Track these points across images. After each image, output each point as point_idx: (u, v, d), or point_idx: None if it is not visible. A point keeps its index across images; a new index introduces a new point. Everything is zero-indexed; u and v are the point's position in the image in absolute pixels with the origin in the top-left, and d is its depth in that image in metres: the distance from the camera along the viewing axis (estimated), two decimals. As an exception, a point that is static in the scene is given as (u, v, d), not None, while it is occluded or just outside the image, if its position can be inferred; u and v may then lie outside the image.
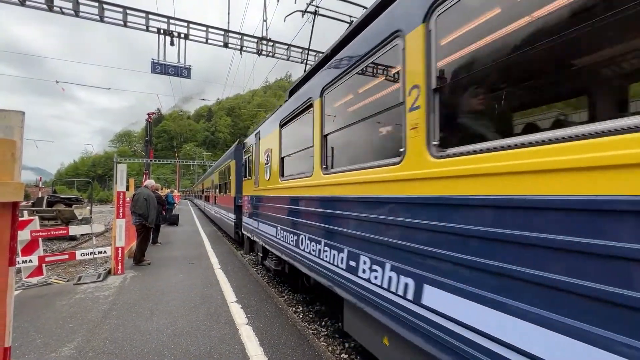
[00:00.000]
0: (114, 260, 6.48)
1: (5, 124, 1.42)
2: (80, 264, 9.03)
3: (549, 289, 1.33)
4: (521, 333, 1.42)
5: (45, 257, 6.38)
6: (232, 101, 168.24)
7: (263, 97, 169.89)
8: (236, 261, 7.73)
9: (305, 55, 16.78)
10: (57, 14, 12.62)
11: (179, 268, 6.97)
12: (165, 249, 9.32)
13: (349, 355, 3.78)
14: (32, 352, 3.34)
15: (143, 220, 7.30)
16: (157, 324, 4.03)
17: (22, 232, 6.10)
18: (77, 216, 16.24)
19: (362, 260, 2.65)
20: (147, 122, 43.31)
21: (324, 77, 3.56)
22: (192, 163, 67.21)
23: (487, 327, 1.57)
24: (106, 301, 4.86)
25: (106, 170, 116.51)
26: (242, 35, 15.60)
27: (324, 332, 4.42)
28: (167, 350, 3.36)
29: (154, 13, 14.03)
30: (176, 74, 15.08)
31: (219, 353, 3.31)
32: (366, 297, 2.57)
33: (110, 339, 3.63)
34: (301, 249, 3.95)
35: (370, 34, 2.76)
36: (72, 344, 3.51)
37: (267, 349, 3.42)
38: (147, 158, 40.93)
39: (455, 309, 1.75)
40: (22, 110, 1.45)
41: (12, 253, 1.39)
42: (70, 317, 4.24)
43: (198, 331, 3.81)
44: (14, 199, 1.37)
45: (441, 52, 2.05)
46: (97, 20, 13.02)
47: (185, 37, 14.73)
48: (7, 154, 1.35)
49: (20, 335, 3.68)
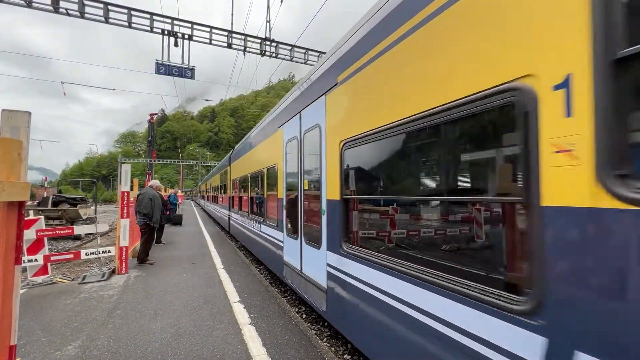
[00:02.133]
0: (118, 260, 6.52)
1: (12, 125, 1.43)
2: (85, 264, 9.10)
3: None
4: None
5: (50, 256, 6.43)
6: (236, 102, 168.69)
7: (266, 97, 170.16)
8: (239, 261, 7.74)
9: (307, 55, 16.81)
10: (63, 16, 12.75)
11: (183, 268, 6.99)
12: (169, 249, 9.36)
13: (352, 356, 3.77)
14: (37, 350, 3.37)
15: (147, 220, 7.34)
16: (161, 323, 4.05)
17: (27, 232, 6.15)
18: (82, 216, 16.38)
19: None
20: (149, 123, 43.62)
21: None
22: (195, 163, 67.43)
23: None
24: (110, 300, 4.89)
25: (110, 170, 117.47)
26: (245, 36, 15.66)
27: (327, 332, 4.41)
28: (170, 350, 3.37)
29: (158, 14, 14.14)
30: (180, 74, 15.16)
31: (222, 353, 3.31)
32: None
33: (115, 338, 3.65)
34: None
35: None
36: (76, 342, 3.53)
37: (270, 349, 3.42)
38: (150, 158, 41.20)
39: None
40: (28, 111, 1.47)
41: (18, 252, 1.40)
42: (74, 316, 4.27)
43: (201, 331, 3.82)
44: (20, 198, 1.38)
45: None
46: (102, 21, 13.14)
47: (189, 38, 14.81)
48: (13, 154, 1.37)
49: (26, 334, 3.72)
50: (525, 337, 1.51)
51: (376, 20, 2.78)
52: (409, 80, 2.35)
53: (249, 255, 9.23)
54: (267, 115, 6.88)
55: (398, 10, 2.47)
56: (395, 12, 2.51)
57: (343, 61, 3.35)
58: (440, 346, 2.02)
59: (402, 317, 2.38)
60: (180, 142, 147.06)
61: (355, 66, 3.07)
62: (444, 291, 2.00)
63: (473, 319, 1.79)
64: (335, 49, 3.66)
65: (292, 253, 4.94)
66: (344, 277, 3.27)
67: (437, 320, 2.06)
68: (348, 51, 3.27)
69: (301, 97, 4.64)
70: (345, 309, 3.27)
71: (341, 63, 3.39)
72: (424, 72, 2.20)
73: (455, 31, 1.92)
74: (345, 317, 3.29)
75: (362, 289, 2.93)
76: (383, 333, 2.63)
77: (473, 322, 1.79)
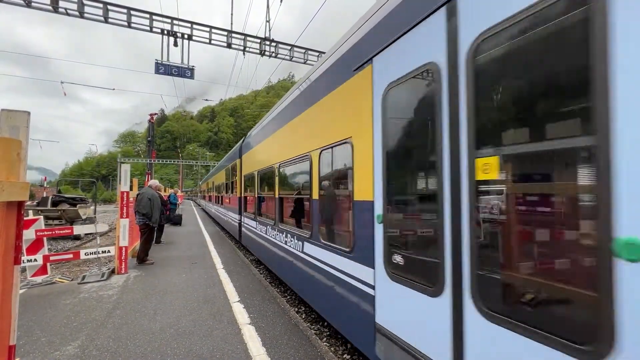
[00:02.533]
0: (117, 260, 6.52)
1: (11, 124, 1.43)
2: (84, 264, 9.09)
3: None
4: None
5: (49, 256, 6.43)
6: (235, 102, 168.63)
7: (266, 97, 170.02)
8: (239, 261, 7.74)
9: (307, 55, 16.80)
10: (62, 15, 12.73)
11: (182, 268, 6.99)
12: (169, 249, 9.35)
13: (351, 356, 3.77)
14: (36, 350, 3.37)
15: (147, 220, 7.34)
16: (161, 323, 4.05)
17: (27, 232, 6.15)
18: (81, 216, 16.37)
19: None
20: (149, 123, 43.60)
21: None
22: (195, 163, 67.39)
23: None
24: (110, 300, 4.89)
25: (110, 170, 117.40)
26: (245, 35, 15.65)
27: (327, 332, 4.41)
28: (170, 350, 3.37)
29: (158, 14, 14.12)
30: (179, 74, 15.14)
31: (221, 353, 3.31)
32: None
33: (114, 337, 3.64)
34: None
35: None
36: (76, 342, 3.53)
37: (270, 349, 3.42)
38: (149, 158, 41.21)
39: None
40: (27, 111, 1.47)
41: (18, 252, 1.40)
42: (74, 316, 4.27)
43: (201, 331, 3.82)
44: (19, 198, 1.38)
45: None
46: (102, 21, 13.12)
47: (188, 38, 14.80)
48: (12, 153, 1.37)
49: (25, 334, 3.71)
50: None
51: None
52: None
53: (248, 255, 9.23)
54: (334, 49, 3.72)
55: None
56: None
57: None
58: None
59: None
60: (179, 142, 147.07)
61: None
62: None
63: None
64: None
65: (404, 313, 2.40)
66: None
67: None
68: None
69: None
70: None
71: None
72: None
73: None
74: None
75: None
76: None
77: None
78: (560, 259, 1.53)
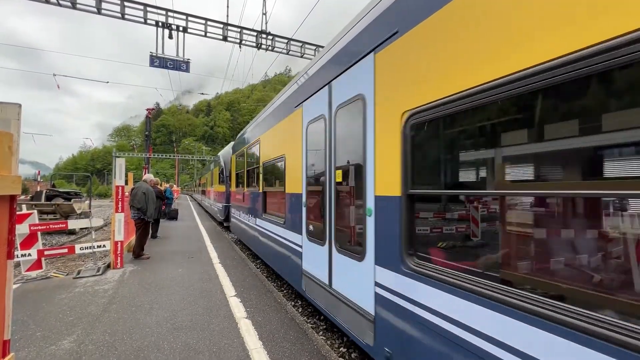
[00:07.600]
0: (113, 255, 6.49)
1: (2, 117, 1.41)
2: (80, 258, 9.03)
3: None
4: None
5: (44, 250, 6.39)
6: (231, 96, 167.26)
7: (262, 91, 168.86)
8: (235, 255, 7.75)
9: (304, 49, 16.65)
10: (55, 6, 12.47)
11: (179, 262, 6.98)
12: (165, 243, 9.33)
13: (347, 349, 3.81)
14: (31, 345, 3.36)
15: (142, 214, 7.30)
16: (157, 317, 4.05)
17: (20, 226, 6.09)
18: (76, 210, 16.22)
19: None
20: (147, 118, 42.99)
21: None
22: (191, 158, 66.96)
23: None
24: (105, 295, 4.88)
25: (105, 164, 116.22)
26: (241, 28, 15.46)
27: (323, 325, 4.45)
28: (166, 344, 3.38)
29: (152, 5, 13.87)
30: (175, 67, 14.95)
31: (218, 347, 3.33)
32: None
33: (110, 332, 3.64)
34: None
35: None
36: (71, 337, 3.53)
37: (266, 342, 3.44)
38: (147, 153, 40.85)
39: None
40: (18, 103, 1.44)
41: (11, 246, 1.39)
42: (69, 311, 4.25)
43: (197, 325, 3.83)
44: (11, 192, 1.36)
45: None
46: (95, 12, 12.88)
47: (183, 30, 14.59)
48: (3, 146, 1.34)
49: (20, 329, 3.70)
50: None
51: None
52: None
53: (245, 249, 9.24)
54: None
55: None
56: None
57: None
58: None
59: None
60: (175, 136, 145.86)
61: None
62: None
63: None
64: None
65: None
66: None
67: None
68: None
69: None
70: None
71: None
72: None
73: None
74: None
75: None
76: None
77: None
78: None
